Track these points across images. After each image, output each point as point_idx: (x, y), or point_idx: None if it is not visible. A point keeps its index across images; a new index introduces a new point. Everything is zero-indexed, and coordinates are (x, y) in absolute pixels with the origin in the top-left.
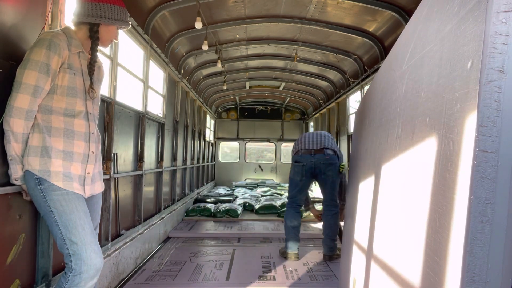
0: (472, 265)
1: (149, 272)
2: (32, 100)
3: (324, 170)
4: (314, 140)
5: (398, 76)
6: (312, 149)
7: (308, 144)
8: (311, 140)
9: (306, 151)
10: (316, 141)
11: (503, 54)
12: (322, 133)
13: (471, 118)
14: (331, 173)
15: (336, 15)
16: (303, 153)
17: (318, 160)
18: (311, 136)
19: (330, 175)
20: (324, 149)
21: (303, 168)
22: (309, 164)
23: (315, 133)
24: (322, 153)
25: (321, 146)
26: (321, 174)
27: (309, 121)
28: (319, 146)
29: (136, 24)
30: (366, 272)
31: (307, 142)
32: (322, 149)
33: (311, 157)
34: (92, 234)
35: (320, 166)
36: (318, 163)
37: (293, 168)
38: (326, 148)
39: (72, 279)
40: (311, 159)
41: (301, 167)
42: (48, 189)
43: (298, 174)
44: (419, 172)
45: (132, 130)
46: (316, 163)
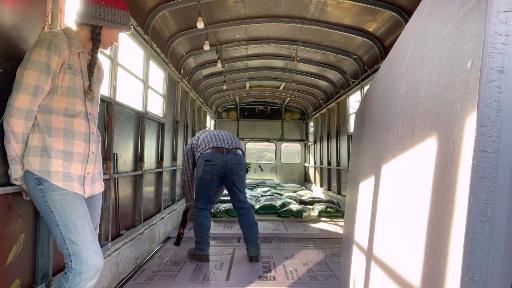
0: (472, 265)
1: (149, 272)
2: (32, 100)
3: (235, 170)
4: (225, 139)
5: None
6: (224, 147)
7: (220, 142)
8: (222, 139)
9: (218, 149)
10: (227, 140)
11: (503, 54)
12: (228, 133)
13: (471, 118)
14: (242, 173)
15: (336, 15)
16: (214, 151)
17: (230, 160)
18: (220, 134)
19: (241, 175)
20: (235, 149)
21: (214, 167)
22: (221, 163)
23: (223, 132)
24: (233, 153)
25: (232, 146)
26: (232, 174)
27: (309, 121)
28: (231, 146)
29: (136, 24)
30: (366, 272)
31: (218, 140)
32: (234, 149)
33: (223, 156)
34: (92, 234)
35: (231, 165)
36: (229, 163)
37: (202, 166)
38: (236, 148)
39: (72, 279)
40: (223, 159)
41: (212, 165)
42: (48, 189)
43: (207, 173)
44: (419, 172)
45: (132, 130)
46: (227, 163)
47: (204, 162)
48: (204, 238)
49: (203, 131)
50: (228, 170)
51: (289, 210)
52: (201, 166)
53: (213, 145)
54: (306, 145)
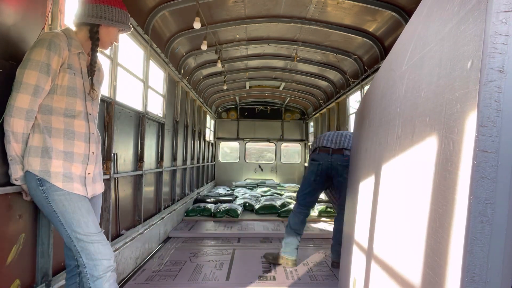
0: (472, 265)
1: (149, 272)
2: (32, 100)
3: (341, 172)
4: (334, 139)
5: (398, 76)
6: (330, 147)
7: (327, 142)
8: (331, 139)
9: (324, 149)
10: (336, 140)
11: (503, 54)
12: (343, 133)
13: (471, 118)
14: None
15: (336, 15)
16: (320, 151)
17: (336, 161)
18: (332, 135)
19: (346, 178)
20: (343, 149)
21: (318, 167)
22: (326, 164)
23: (337, 132)
24: (341, 154)
25: (340, 146)
26: (337, 176)
27: (309, 121)
28: (338, 146)
29: (136, 24)
30: (366, 272)
31: (326, 140)
32: (341, 149)
33: (329, 157)
34: (97, 229)
35: (337, 167)
36: (335, 164)
37: (309, 166)
38: (345, 149)
39: (91, 274)
40: (328, 159)
41: (316, 165)
42: (50, 190)
43: (312, 173)
44: (419, 172)
45: (132, 130)
46: (333, 164)
47: (310, 161)
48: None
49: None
50: (333, 172)
51: (289, 210)
52: (309, 165)
53: (320, 144)
54: (306, 145)
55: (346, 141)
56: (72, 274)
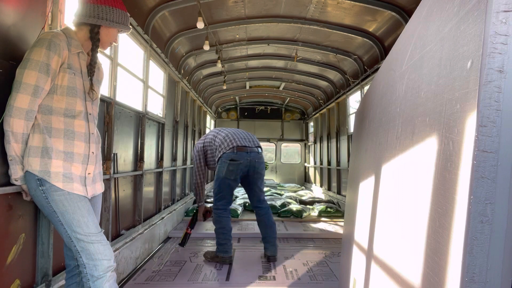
0: (472, 265)
1: (149, 272)
2: (32, 100)
3: (257, 168)
4: (247, 137)
5: (398, 76)
6: (247, 146)
7: (242, 141)
8: (244, 137)
9: (242, 148)
10: (249, 139)
11: (503, 54)
12: (246, 132)
13: (471, 118)
14: (263, 172)
15: (336, 15)
16: (238, 150)
17: (254, 158)
18: (240, 133)
19: (262, 174)
20: (257, 147)
21: (238, 166)
22: (245, 162)
23: (241, 131)
24: (256, 152)
25: (255, 144)
26: (254, 173)
27: (309, 121)
28: (254, 144)
29: (136, 24)
30: (366, 272)
31: (240, 139)
32: (256, 147)
33: (247, 155)
34: (97, 229)
35: (254, 164)
36: (253, 161)
37: (226, 166)
38: (258, 147)
39: (91, 274)
40: (247, 157)
41: (237, 165)
42: (50, 190)
43: (231, 173)
44: (419, 172)
45: (132, 130)
46: (251, 161)
47: (228, 161)
48: (228, 240)
49: (219, 130)
50: (251, 169)
51: (289, 210)
52: (224, 166)
53: (236, 144)
54: (306, 145)
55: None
56: (72, 274)
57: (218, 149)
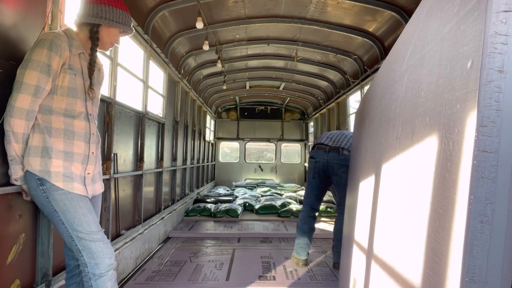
0: (472, 265)
1: (149, 272)
2: (33, 100)
3: (337, 170)
4: (333, 137)
5: (398, 76)
6: (327, 145)
7: (325, 140)
8: (329, 137)
9: (321, 146)
10: (334, 139)
11: (503, 54)
12: (345, 133)
13: (471, 118)
14: (345, 175)
15: (336, 15)
16: (318, 148)
17: (332, 159)
18: (333, 133)
19: (343, 177)
20: (340, 148)
21: (315, 164)
22: (322, 161)
23: (338, 132)
24: (337, 152)
25: (337, 145)
26: (333, 175)
27: (309, 121)
28: (335, 144)
29: (136, 24)
30: (366, 272)
31: (324, 138)
32: (338, 148)
33: (325, 154)
34: (98, 228)
35: (333, 165)
36: (331, 162)
37: (308, 164)
38: (342, 148)
39: (93, 272)
40: (324, 156)
41: (314, 163)
42: (50, 189)
43: (311, 170)
44: (419, 172)
45: (132, 130)
46: (329, 161)
47: (309, 159)
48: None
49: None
50: (330, 170)
51: (289, 210)
52: (308, 164)
53: (319, 141)
54: (306, 145)
55: (345, 141)
56: (72, 274)
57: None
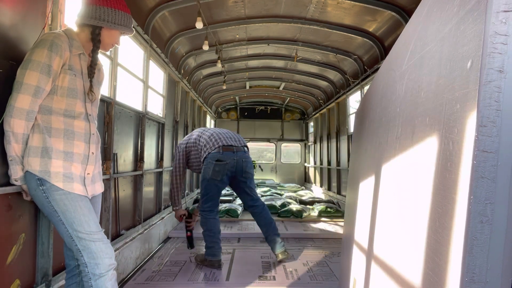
0: (472, 265)
1: (149, 272)
2: (33, 101)
3: (246, 167)
4: (232, 137)
5: (398, 76)
6: (233, 145)
7: (228, 140)
8: (229, 137)
9: (228, 148)
10: (235, 138)
11: (503, 54)
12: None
13: (471, 118)
14: (252, 171)
15: (336, 15)
16: (225, 150)
17: (240, 158)
18: (225, 133)
19: (251, 173)
20: (243, 146)
21: (225, 166)
22: (232, 162)
23: (225, 130)
24: (242, 151)
25: (241, 144)
26: (243, 173)
27: (309, 121)
28: (240, 144)
29: (136, 24)
30: (366, 272)
31: (226, 139)
32: (242, 146)
33: (234, 155)
34: (98, 228)
35: (241, 164)
36: (240, 161)
37: (212, 167)
38: (244, 146)
39: (93, 272)
40: (234, 157)
41: (223, 165)
42: (50, 189)
43: (219, 173)
44: (419, 172)
45: (132, 130)
46: (238, 161)
47: (214, 162)
48: (216, 243)
49: (203, 130)
50: (239, 169)
51: (289, 210)
52: (210, 167)
53: (222, 143)
54: (306, 145)
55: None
56: (72, 274)
57: (203, 149)
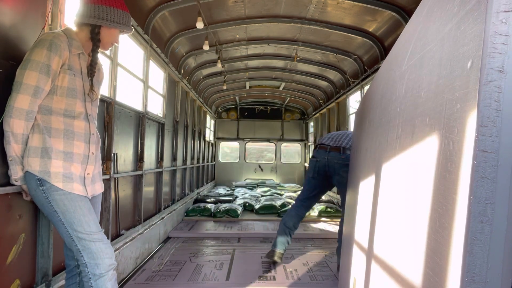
0: (472, 265)
1: (149, 272)
2: (32, 101)
3: (338, 170)
4: (334, 137)
5: (398, 76)
6: (328, 145)
7: (327, 140)
8: (331, 137)
9: (322, 146)
10: (336, 138)
11: (503, 54)
12: (345, 132)
13: (471, 118)
14: (346, 175)
15: (336, 15)
16: (319, 148)
17: (333, 158)
18: (333, 134)
19: (345, 177)
20: (342, 148)
21: (316, 164)
22: (323, 161)
23: (339, 132)
24: (338, 152)
25: (338, 144)
26: (335, 175)
27: (309, 121)
28: (337, 144)
29: (136, 24)
30: (366, 272)
31: (326, 138)
32: (339, 147)
33: (326, 154)
34: (98, 228)
35: (334, 165)
36: (332, 161)
37: (309, 164)
38: (344, 148)
39: (93, 272)
40: (325, 156)
41: (314, 162)
42: (50, 190)
43: (310, 170)
44: (419, 172)
45: (132, 130)
46: (330, 161)
47: (310, 159)
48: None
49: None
50: (331, 169)
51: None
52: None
53: (320, 141)
54: (306, 145)
55: (346, 140)
56: (72, 274)
57: None
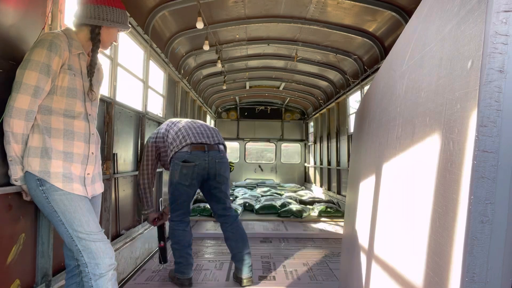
0: (472, 265)
1: (149, 272)
2: (32, 101)
3: (219, 170)
4: (204, 132)
5: (398, 76)
6: (205, 143)
7: (199, 136)
8: (201, 132)
9: (197, 146)
10: (208, 134)
11: (503, 54)
12: (206, 124)
13: (471, 118)
14: (227, 174)
15: (336, 15)
16: (194, 149)
17: (213, 159)
18: (197, 127)
19: (226, 177)
20: (217, 144)
21: (194, 169)
22: (203, 164)
23: (200, 124)
24: (216, 150)
25: (215, 141)
26: (215, 176)
27: (309, 121)
28: (213, 141)
29: (136, 24)
30: (366, 272)
31: (196, 134)
32: (216, 144)
33: (204, 155)
34: (98, 228)
35: (214, 166)
36: (212, 163)
37: (179, 169)
38: (219, 144)
39: (93, 272)
40: (205, 157)
41: (192, 167)
42: (50, 190)
43: (186, 177)
44: (419, 172)
45: (132, 130)
46: (210, 163)
47: (181, 164)
48: (184, 258)
49: (171, 124)
50: (211, 171)
51: (289, 210)
52: (177, 169)
53: (191, 141)
54: (306, 145)
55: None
56: (72, 274)
57: (170, 147)
